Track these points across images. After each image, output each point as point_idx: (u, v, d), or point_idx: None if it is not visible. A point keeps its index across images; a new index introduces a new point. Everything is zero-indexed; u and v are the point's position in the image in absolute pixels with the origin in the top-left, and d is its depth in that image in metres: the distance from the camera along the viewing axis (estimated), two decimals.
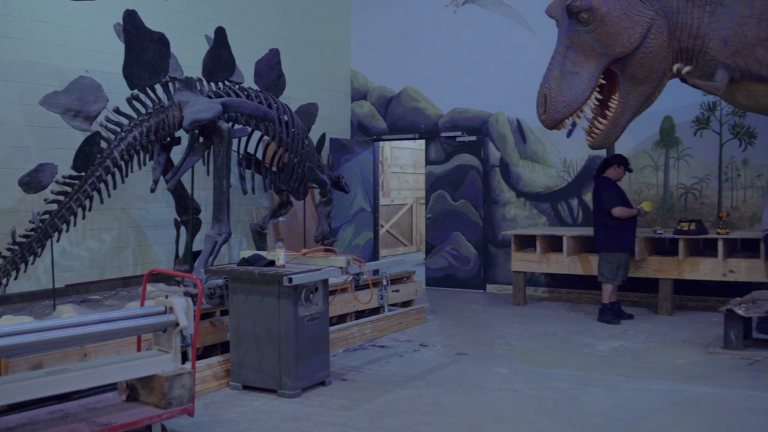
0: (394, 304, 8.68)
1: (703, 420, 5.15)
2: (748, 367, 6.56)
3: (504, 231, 10.76)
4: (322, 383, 6.02)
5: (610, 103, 7.33)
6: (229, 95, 7.24)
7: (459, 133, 11.35)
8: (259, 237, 8.30)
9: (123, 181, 6.62)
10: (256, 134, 8.14)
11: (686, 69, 7.03)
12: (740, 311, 7.00)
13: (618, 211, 8.46)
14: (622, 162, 8.76)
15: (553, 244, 9.65)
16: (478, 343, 7.63)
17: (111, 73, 7.39)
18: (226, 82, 7.44)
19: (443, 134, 11.51)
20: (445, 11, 11.49)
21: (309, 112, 8.84)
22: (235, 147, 7.75)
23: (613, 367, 6.62)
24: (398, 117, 11.96)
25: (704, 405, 5.47)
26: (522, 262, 9.82)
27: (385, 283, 6.98)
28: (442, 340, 7.80)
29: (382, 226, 15.46)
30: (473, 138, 11.24)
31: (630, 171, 8.96)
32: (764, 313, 6.90)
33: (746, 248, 8.89)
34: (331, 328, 6.96)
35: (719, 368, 6.53)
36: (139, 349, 4.91)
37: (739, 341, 7.05)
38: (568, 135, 10.36)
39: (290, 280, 5.51)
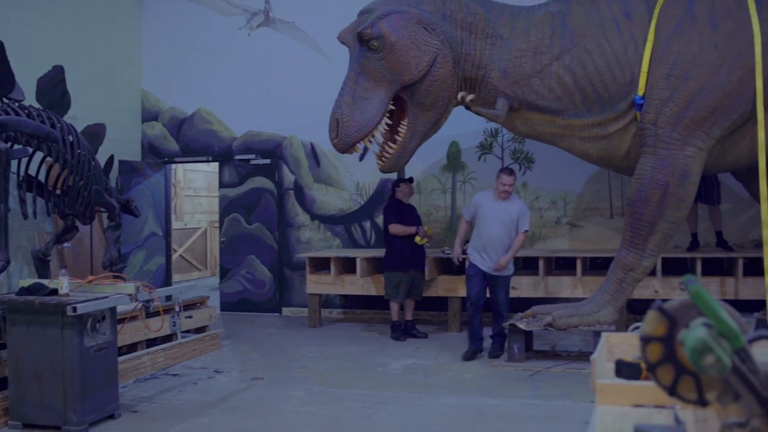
0: (188, 331, 8.45)
1: (488, 430, 5.41)
2: (530, 378, 6.96)
3: (299, 254, 10.79)
4: (111, 416, 5.74)
5: (399, 129, 7.56)
6: (7, 113, 6.80)
7: (253, 156, 11.30)
8: (41, 264, 7.82)
9: None
10: (39, 155, 7.70)
11: (470, 97, 7.38)
12: (522, 325, 7.43)
13: (393, 228, 8.79)
14: (402, 180, 9.11)
15: (347, 266, 9.80)
16: (274, 367, 7.59)
17: None
18: (4, 100, 6.99)
19: (237, 157, 11.41)
20: (240, 33, 11.43)
21: (96, 133, 8.45)
22: (14, 168, 7.28)
23: (406, 384, 6.80)
24: (191, 139, 11.72)
25: (490, 416, 5.74)
26: (317, 284, 9.90)
27: (177, 309, 6.80)
28: (238, 366, 7.69)
29: (175, 251, 15.04)
30: (267, 161, 11.22)
31: (411, 182, 9.26)
32: (543, 327, 7.35)
33: (527, 266, 9.43)
34: (121, 358, 6.66)
35: (504, 380, 6.88)
36: None
37: (521, 354, 7.49)
38: (361, 159, 10.57)
39: (74, 309, 5.23)
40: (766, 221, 6.78)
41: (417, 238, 8.80)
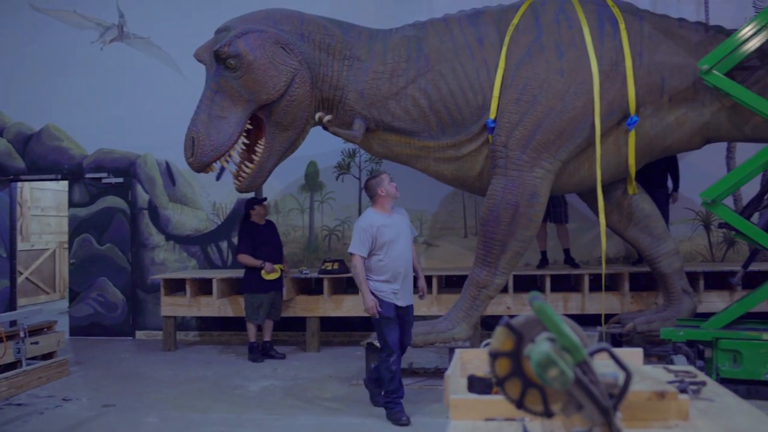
0: (33, 358, 8.05)
1: None
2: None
3: (153, 275, 10.51)
4: None
5: (256, 148, 7.52)
6: None
7: (105, 175, 10.93)
8: None
9: None
10: None
11: (327, 118, 7.43)
12: (377, 343, 7.48)
13: (241, 258, 8.75)
14: (256, 202, 9.07)
15: (204, 287, 9.61)
16: (127, 393, 7.34)
17: None
18: None
19: (88, 175, 11.01)
20: (92, 48, 11.07)
21: None
22: None
23: (264, 406, 6.73)
24: (39, 156, 11.22)
25: None
26: (172, 306, 9.66)
27: (22, 335, 6.47)
28: (88, 393, 7.38)
29: (21, 273, 14.31)
30: (120, 180, 10.88)
31: (263, 201, 9.20)
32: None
33: None
34: None
35: (362, 398, 6.90)
36: None
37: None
38: (217, 178, 10.43)
39: None
40: (604, 238, 7.17)
41: (263, 272, 8.74)
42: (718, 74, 6.71)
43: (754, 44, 6.84)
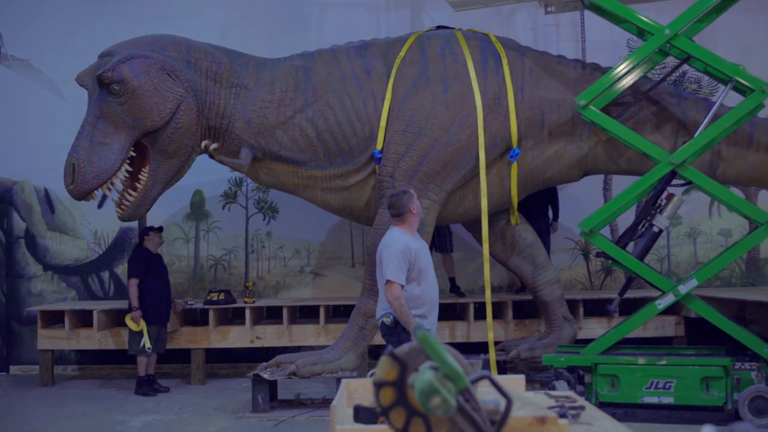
0: None
1: None
2: (274, 428, 6.94)
3: (29, 307, 10.06)
4: None
5: (140, 176, 7.37)
6: None
7: None
8: None
9: None
10: None
11: (213, 146, 7.36)
12: (266, 375, 7.41)
13: (131, 282, 8.44)
14: (151, 229, 8.86)
15: (84, 319, 9.27)
16: None
17: None
18: None
19: None
20: None
21: None
22: None
23: None
24: None
25: None
26: (49, 339, 9.27)
27: None
28: None
29: None
30: None
31: (160, 230, 9.00)
32: (287, 376, 7.37)
33: (271, 315, 9.45)
34: None
35: (249, 431, 6.81)
36: None
37: (266, 404, 7.46)
38: (99, 206, 10.12)
39: None
40: (488, 267, 7.36)
41: (127, 317, 8.41)
42: (595, 109, 7.02)
43: (628, 81, 7.21)
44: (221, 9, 10.37)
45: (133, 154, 7.29)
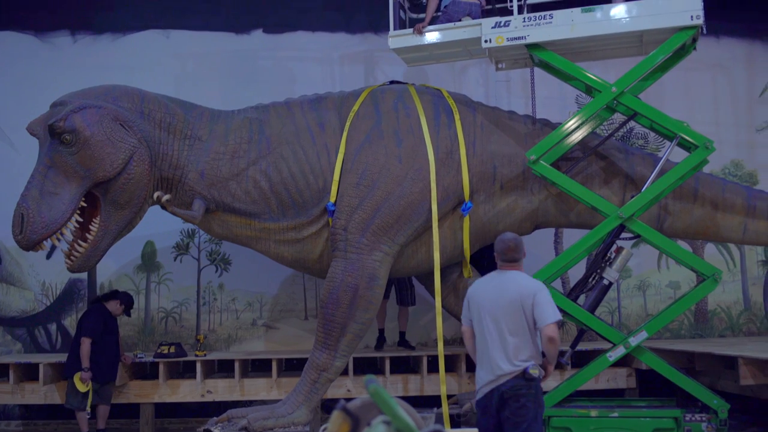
0: None
1: None
2: None
3: None
4: None
5: (91, 227, 7.27)
6: None
7: None
8: None
9: None
10: None
11: (166, 197, 7.30)
12: (217, 430, 7.27)
13: (85, 341, 8.20)
14: (127, 303, 8.72)
15: (29, 373, 9.02)
16: None
17: None
18: None
19: None
20: None
21: None
22: None
23: None
24: None
25: None
26: None
27: None
28: None
29: None
30: None
31: (129, 316, 8.88)
32: (239, 430, 7.24)
33: (223, 369, 9.31)
34: None
35: None
36: None
37: None
38: (48, 257, 9.95)
39: None
40: (440, 320, 7.38)
41: (76, 377, 8.18)
42: (545, 164, 7.14)
43: (577, 137, 7.36)
44: (176, 60, 10.39)
45: (84, 205, 7.21)
